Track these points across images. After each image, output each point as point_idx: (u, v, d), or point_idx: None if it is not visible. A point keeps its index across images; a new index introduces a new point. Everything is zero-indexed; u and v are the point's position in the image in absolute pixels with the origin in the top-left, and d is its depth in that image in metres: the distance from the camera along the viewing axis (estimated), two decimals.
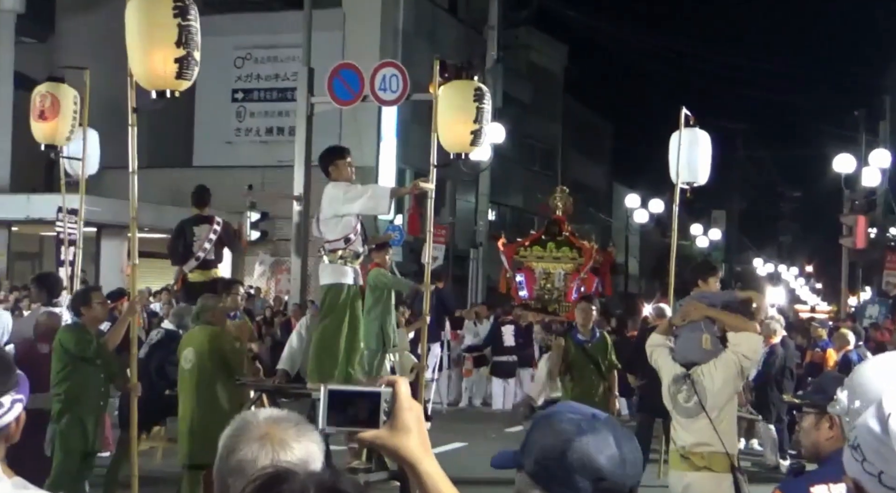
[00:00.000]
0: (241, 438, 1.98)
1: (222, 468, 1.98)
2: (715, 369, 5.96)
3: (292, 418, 2.04)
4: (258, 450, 1.95)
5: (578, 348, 9.62)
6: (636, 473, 1.84)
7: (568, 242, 21.53)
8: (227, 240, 10.88)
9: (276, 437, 1.97)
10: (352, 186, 8.17)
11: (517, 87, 35.50)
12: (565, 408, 1.93)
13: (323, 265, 8.31)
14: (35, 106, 9.65)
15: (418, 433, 1.74)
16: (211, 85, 27.06)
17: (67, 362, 7.54)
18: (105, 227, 21.66)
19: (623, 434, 1.86)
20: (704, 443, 5.95)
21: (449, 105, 8.54)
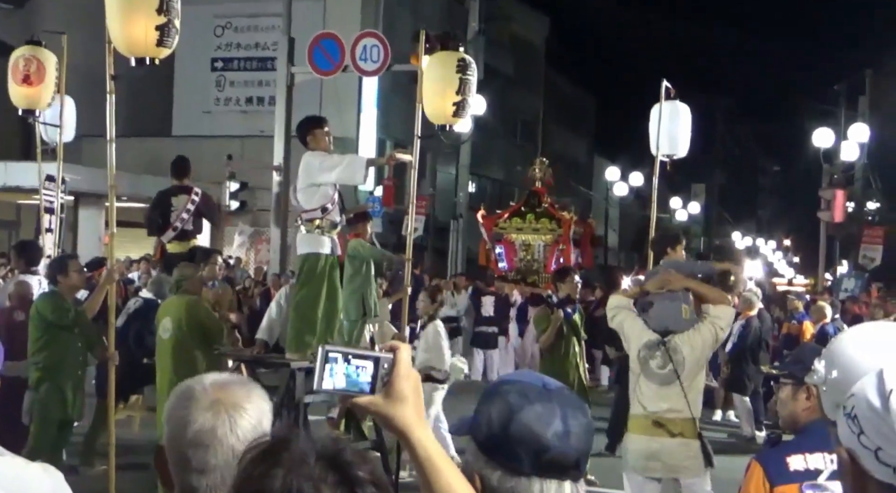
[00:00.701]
0: (191, 408, 1.93)
1: (178, 442, 1.93)
2: (692, 339, 6.05)
3: (237, 380, 2.02)
4: (213, 418, 1.92)
5: (565, 320, 9.74)
6: (583, 446, 1.82)
7: (547, 214, 21.55)
8: (207, 211, 10.82)
9: (227, 401, 1.94)
10: (329, 155, 8.13)
11: (499, 58, 35.39)
12: (518, 377, 1.92)
13: (300, 235, 8.29)
14: (18, 70, 9.51)
15: (414, 401, 1.73)
16: (190, 54, 26.83)
17: (45, 331, 7.51)
18: (83, 195, 21.50)
19: (572, 406, 1.84)
20: (677, 410, 6.03)
21: (432, 76, 8.50)
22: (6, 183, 22.18)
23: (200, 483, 1.92)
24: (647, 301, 6.21)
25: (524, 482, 1.79)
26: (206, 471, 1.92)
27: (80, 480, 6.84)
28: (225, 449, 1.91)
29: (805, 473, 3.33)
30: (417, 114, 8.54)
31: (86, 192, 20.21)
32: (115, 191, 6.95)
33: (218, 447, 1.91)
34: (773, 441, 3.60)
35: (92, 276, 11.33)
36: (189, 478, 1.93)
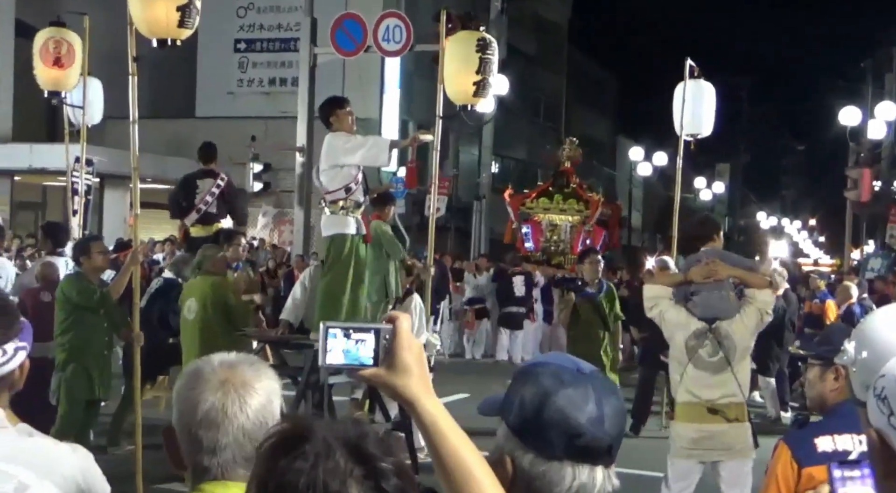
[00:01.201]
0: (200, 388, 1.94)
1: (188, 421, 1.94)
2: (740, 324, 6.07)
3: (246, 359, 2.02)
4: (223, 397, 1.93)
5: (586, 301, 9.67)
6: (616, 430, 1.80)
7: (575, 195, 21.47)
8: (230, 197, 10.80)
9: (236, 381, 1.95)
10: (352, 136, 8.11)
11: (521, 39, 35.23)
12: (551, 359, 1.90)
13: (325, 217, 8.29)
14: (48, 52, 9.51)
15: (418, 371, 1.73)
16: (213, 35, 26.84)
17: (71, 312, 7.56)
18: (108, 177, 21.59)
19: (606, 390, 1.82)
20: (730, 395, 6.05)
21: (453, 56, 8.48)
22: (32, 165, 22.33)
23: (212, 463, 1.93)
24: (690, 290, 6.20)
25: (556, 467, 1.77)
26: (217, 450, 1.92)
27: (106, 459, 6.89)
28: (235, 428, 1.92)
29: (833, 454, 3.30)
30: (439, 94, 8.52)
31: (111, 173, 20.28)
32: (138, 173, 6.96)
33: (228, 427, 1.92)
34: (800, 423, 3.57)
35: (117, 257, 11.39)
36: (201, 458, 1.93)
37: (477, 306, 18.54)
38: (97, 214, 22.34)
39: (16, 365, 1.93)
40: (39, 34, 9.69)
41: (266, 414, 1.95)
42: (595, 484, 1.79)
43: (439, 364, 15.80)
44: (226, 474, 1.92)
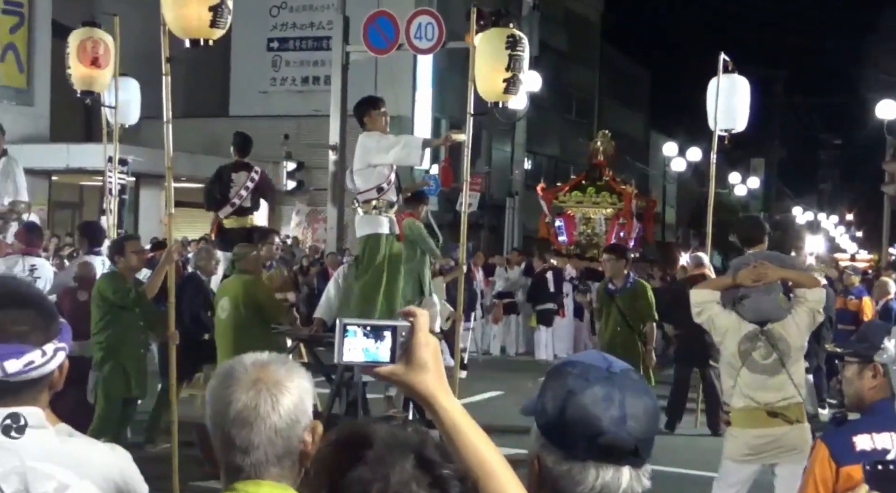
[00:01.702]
0: (232, 387, 1.94)
1: (221, 420, 1.94)
2: (792, 324, 6.02)
3: (278, 359, 2.02)
4: (256, 397, 1.93)
5: (607, 297, 9.59)
6: (642, 431, 1.78)
7: (608, 187, 21.35)
8: (265, 189, 10.87)
9: (269, 380, 1.95)
10: (385, 136, 8.14)
11: (553, 34, 35.12)
12: (583, 358, 1.89)
13: (358, 217, 8.32)
14: (86, 52, 9.57)
15: (435, 368, 1.73)
16: (246, 34, 27.00)
17: (107, 311, 7.61)
18: (143, 176, 21.79)
19: (633, 389, 1.79)
20: (789, 397, 5.99)
21: (483, 53, 8.45)
22: (69, 165, 22.54)
23: (245, 462, 1.93)
24: (738, 294, 6.15)
25: (578, 466, 1.76)
26: (250, 450, 1.93)
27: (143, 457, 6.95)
28: (267, 428, 1.93)
29: (872, 453, 3.26)
30: (470, 92, 8.50)
31: (146, 173, 20.46)
32: (172, 172, 7.01)
33: (261, 426, 1.92)
34: (838, 421, 3.53)
35: (153, 256, 11.47)
36: (234, 457, 1.94)
37: (506, 300, 18.50)
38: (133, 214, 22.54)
39: (55, 366, 1.94)
40: (74, 34, 9.76)
41: (298, 413, 1.96)
42: (620, 484, 1.77)
43: (473, 361, 15.82)
44: (259, 473, 1.93)
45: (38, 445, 1.95)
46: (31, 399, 1.95)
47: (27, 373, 1.89)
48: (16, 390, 1.91)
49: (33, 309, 1.95)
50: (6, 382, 1.88)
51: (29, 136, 22.57)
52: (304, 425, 1.95)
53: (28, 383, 1.92)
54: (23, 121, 22.71)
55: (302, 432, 1.96)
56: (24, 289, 2.02)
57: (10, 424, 1.90)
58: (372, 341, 1.72)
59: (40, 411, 1.96)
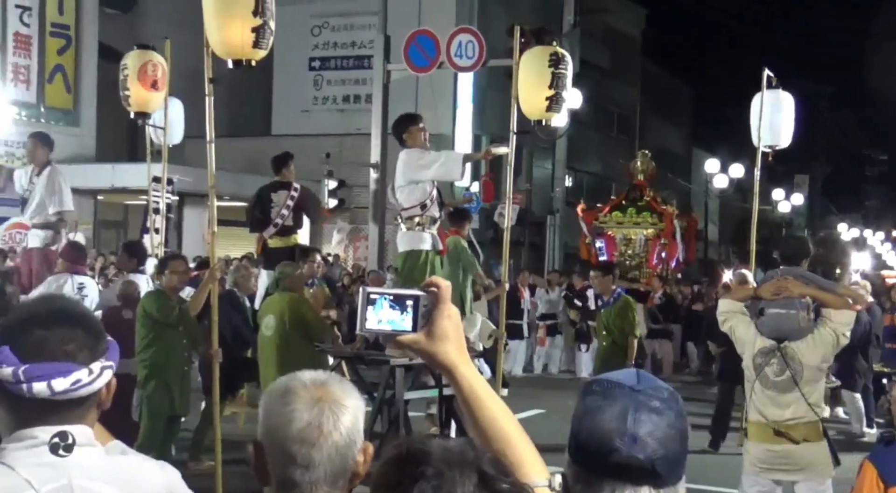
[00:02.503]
0: (293, 405, 1.95)
1: (281, 437, 1.95)
2: (811, 345, 5.93)
3: (331, 377, 2.03)
4: (318, 415, 1.94)
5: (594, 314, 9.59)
6: (658, 450, 1.73)
7: (649, 208, 21.25)
8: (306, 206, 10.90)
9: (329, 398, 1.96)
10: (425, 152, 8.17)
11: (594, 51, 35.06)
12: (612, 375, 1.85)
13: (401, 233, 8.35)
14: (146, 74, 9.69)
15: (456, 339, 1.76)
16: (288, 54, 27.23)
17: (151, 329, 7.68)
18: (187, 195, 22.00)
19: (653, 407, 1.75)
20: (800, 416, 5.91)
21: (526, 71, 8.47)
22: (114, 184, 22.83)
23: (304, 479, 1.94)
24: (760, 307, 6.11)
25: (595, 485, 1.74)
26: (311, 467, 1.94)
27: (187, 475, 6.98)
28: (329, 445, 1.94)
29: None
30: (513, 109, 8.51)
31: (190, 191, 20.66)
32: (215, 191, 7.07)
33: (323, 443, 1.94)
34: (886, 440, 3.48)
35: (197, 274, 11.57)
36: (292, 473, 1.95)
37: (549, 322, 18.43)
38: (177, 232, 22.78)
39: (101, 384, 1.96)
40: (131, 57, 9.80)
41: (355, 432, 1.97)
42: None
43: (514, 379, 15.76)
44: (314, 490, 1.94)
45: (87, 463, 1.96)
46: (79, 417, 1.96)
47: (75, 391, 1.91)
48: (64, 408, 1.93)
49: (81, 328, 1.97)
50: (54, 400, 1.90)
51: (75, 156, 22.90)
52: (358, 445, 1.97)
53: (75, 402, 1.93)
54: (69, 141, 23.04)
55: (356, 452, 1.97)
56: (73, 308, 2.03)
57: (58, 442, 1.92)
58: (395, 311, 1.75)
59: (88, 429, 1.97)
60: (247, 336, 9.38)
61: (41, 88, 23.71)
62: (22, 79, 23.34)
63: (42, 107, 23.70)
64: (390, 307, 1.74)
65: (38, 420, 1.92)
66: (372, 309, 1.74)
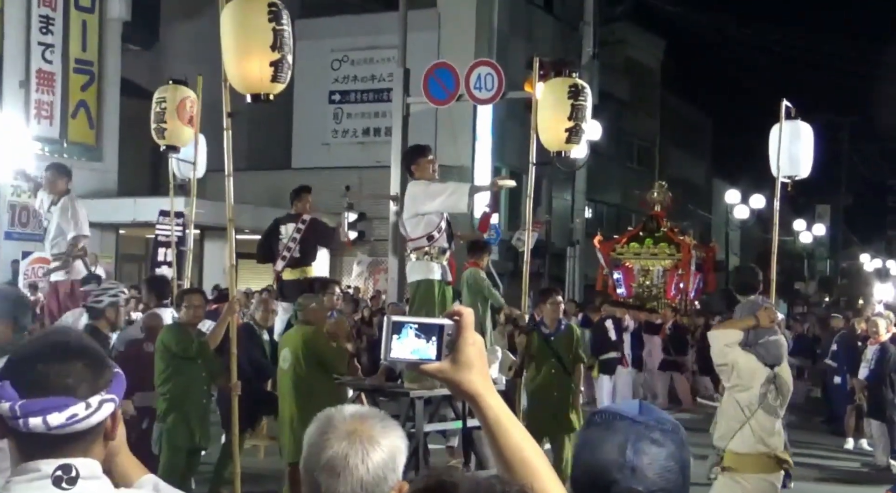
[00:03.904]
0: (328, 435, 1.98)
1: (311, 466, 1.98)
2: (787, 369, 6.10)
3: (376, 414, 2.04)
4: (347, 447, 1.95)
5: (542, 341, 9.41)
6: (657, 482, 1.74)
7: (666, 238, 21.19)
8: (317, 237, 10.91)
9: (363, 433, 1.97)
10: (432, 184, 8.18)
11: (614, 83, 35.16)
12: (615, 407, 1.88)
13: (410, 263, 8.38)
14: (184, 110, 9.76)
15: (480, 367, 1.76)
16: (308, 87, 27.43)
17: (170, 362, 7.69)
18: (207, 229, 22.11)
19: (654, 439, 1.77)
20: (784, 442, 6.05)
21: (546, 103, 8.51)
22: (136, 218, 22.95)
23: None
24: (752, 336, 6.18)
25: None
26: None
27: None
28: (354, 479, 1.95)
29: None
30: (532, 141, 8.54)
31: (210, 225, 20.75)
32: (233, 224, 7.10)
33: (348, 476, 1.95)
34: None
35: (217, 307, 11.61)
36: None
37: None
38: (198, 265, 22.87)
39: (101, 418, 1.95)
40: (169, 91, 9.83)
41: (387, 471, 1.98)
42: None
43: None
44: None
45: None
46: (84, 451, 1.96)
47: (71, 426, 1.90)
48: (64, 442, 1.92)
49: (81, 361, 1.96)
50: (52, 435, 1.90)
51: (98, 191, 23.09)
52: (391, 483, 1.97)
53: (76, 436, 1.93)
54: (92, 176, 23.26)
55: (388, 490, 1.97)
56: (73, 340, 2.02)
57: (60, 475, 1.91)
58: (419, 339, 1.75)
59: (94, 462, 1.96)
60: (266, 368, 9.40)
61: (64, 124, 23.93)
62: (45, 115, 23.59)
63: (65, 142, 23.91)
64: (416, 336, 1.74)
65: (41, 454, 1.92)
66: (397, 338, 1.74)
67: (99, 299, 7.26)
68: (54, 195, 9.88)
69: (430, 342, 1.74)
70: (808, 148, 10.22)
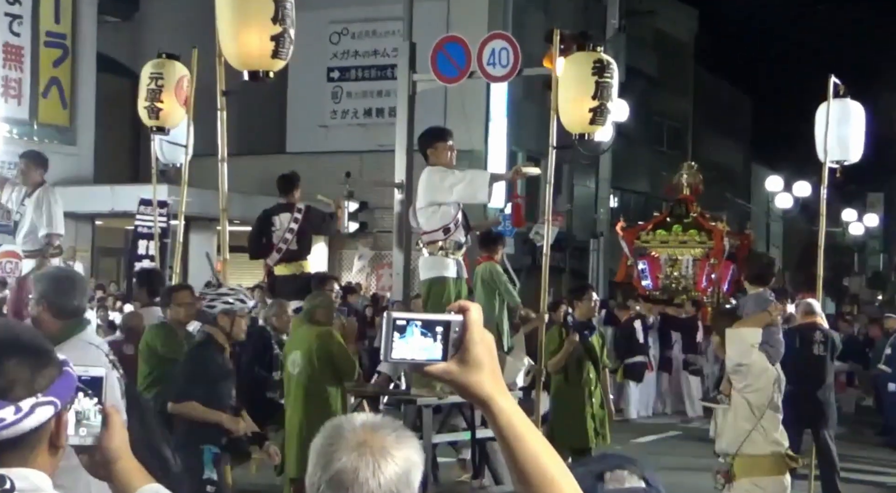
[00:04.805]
0: (336, 446, 1.99)
1: (318, 479, 1.99)
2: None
3: (390, 424, 2.05)
4: (357, 460, 1.96)
5: (581, 344, 9.46)
6: None
7: (696, 225, 21.09)
8: (314, 226, 10.91)
9: (375, 445, 1.98)
10: (449, 171, 8.18)
11: (642, 58, 35.10)
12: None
13: (423, 259, 8.39)
14: (181, 88, 9.74)
15: (490, 367, 1.75)
16: (305, 64, 27.38)
17: (156, 365, 7.69)
18: (193, 219, 22.15)
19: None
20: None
21: (567, 80, 8.51)
22: (114, 208, 22.98)
23: None
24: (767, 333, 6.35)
25: None
26: None
27: None
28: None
29: None
30: (552, 123, 8.55)
31: (196, 215, 20.79)
32: (227, 214, 7.12)
33: (357, 491, 1.95)
34: None
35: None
36: None
37: None
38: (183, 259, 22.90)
39: (34, 424, 1.85)
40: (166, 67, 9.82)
41: (401, 485, 1.98)
42: None
43: None
44: None
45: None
46: (20, 460, 1.88)
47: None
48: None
49: (16, 359, 1.89)
50: None
51: (72, 177, 23.10)
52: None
53: (7, 444, 1.86)
54: (65, 162, 23.28)
55: None
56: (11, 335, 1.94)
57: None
58: (424, 338, 1.74)
59: (36, 473, 1.90)
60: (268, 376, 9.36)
61: (34, 104, 23.95)
62: (13, 94, 23.61)
63: (35, 124, 23.93)
64: (417, 334, 1.74)
65: None
66: (400, 337, 1.74)
67: (211, 304, 6.91)
68: (28, 187, 9.90)
69: (435, 341, 1.74)
70: (859, 130, 10.22)
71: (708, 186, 23.00)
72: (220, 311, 6.83)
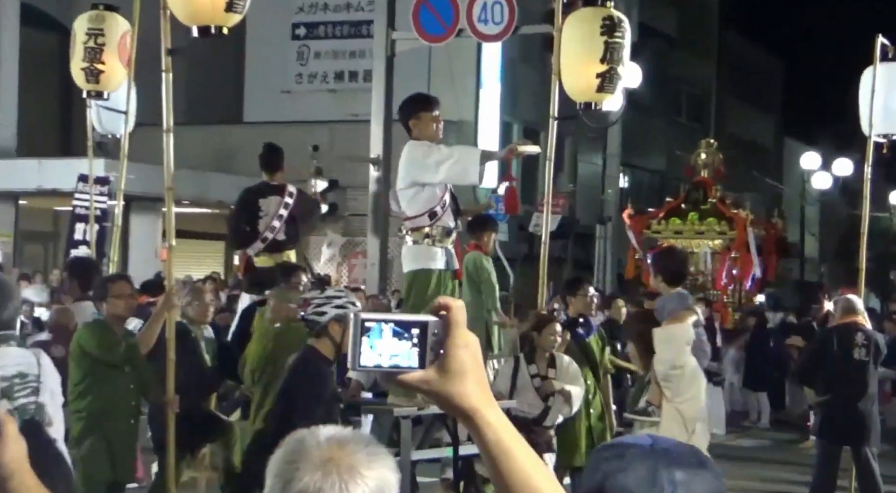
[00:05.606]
0: (298, 464, 1.98)
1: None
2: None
3: (360, 438, 2.04)
4: (321, 479, 1.95)
5: (575, 345, 9.48)
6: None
7: (716, 212, 21.13)
8: (302, 214, 10.82)
9: (342, 462, 1.97)
10: (435, 147, 8.15)
11: (658, 15, 35.16)
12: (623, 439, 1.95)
13: (406, 248, 8.36)
14: (124, 47, 9.63)
15: (475, 375, 1.74)
16: (265, 18, 27.30)
17: (89, 370, 7.67)
18: (135, 199, 22.08)
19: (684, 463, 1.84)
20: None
21: (572, 41, 8.51)
22: (41, 185, 22.90)
23: None
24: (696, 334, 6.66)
25: None
26: None
27: None
28: None
29: None
30: (553, 89, 8.54)
31: (138, 195, 20.73)
32: (173, 193, 7.10)
33: None
34: None
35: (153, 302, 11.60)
36: None
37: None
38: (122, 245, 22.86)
39: None
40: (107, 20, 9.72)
41: None
42: None
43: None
44: None
45: None
46: None
47: None
48: None
49: None
50: None
51: None
52: None
53: None
54: None
55: None
56: None
57: None
58: (398, 342, 1.73)
59: None
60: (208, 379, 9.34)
61: None
62: None
63: None
64: (390, 337, 1.73)
65: None
66: (368, 341, 1.73)
67: (320, 309, 6.79)
68: None
69: (411, 346, 1.73)
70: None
71: (733, 164, 23.07)
72: (332, 318, 6.68)
